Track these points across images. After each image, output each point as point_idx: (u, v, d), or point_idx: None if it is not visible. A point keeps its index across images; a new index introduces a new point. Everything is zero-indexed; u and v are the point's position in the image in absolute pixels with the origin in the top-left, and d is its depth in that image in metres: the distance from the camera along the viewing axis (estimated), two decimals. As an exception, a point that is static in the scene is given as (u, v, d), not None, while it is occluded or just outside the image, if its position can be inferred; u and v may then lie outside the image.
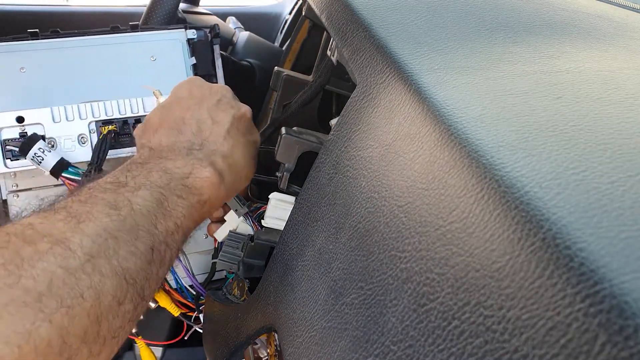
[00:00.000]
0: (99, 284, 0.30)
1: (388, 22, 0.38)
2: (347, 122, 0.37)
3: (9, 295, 0.27)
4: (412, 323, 0.25)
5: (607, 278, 0.17)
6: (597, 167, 0.23)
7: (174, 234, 0.37)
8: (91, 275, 0.30)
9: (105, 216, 0.33)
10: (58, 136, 0.54)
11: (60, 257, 0.29)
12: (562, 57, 0.36)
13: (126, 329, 0.33)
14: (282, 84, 0.54)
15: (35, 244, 0.29)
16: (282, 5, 1.38)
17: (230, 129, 0.45)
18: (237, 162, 0.44)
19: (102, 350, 0.31)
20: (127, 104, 0.56)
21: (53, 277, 0.29)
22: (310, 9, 0.49)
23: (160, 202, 0.36)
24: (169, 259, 0.37)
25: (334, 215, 0.35)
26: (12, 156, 0.53)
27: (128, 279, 0.32)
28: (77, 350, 0.29)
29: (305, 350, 0.33)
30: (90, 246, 0.31)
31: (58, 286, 0.29)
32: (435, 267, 0.24)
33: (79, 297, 0.29)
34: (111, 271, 0.31)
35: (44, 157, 0.51)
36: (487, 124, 0.27)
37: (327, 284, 0.33)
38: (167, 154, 0.41)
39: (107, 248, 0.32)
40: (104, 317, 0.31)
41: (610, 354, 0.16)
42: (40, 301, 0.28)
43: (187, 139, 0.43)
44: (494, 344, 0.20)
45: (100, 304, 0.30)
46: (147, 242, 0.34)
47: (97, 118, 0.55)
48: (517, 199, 0.21)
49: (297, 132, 0.45)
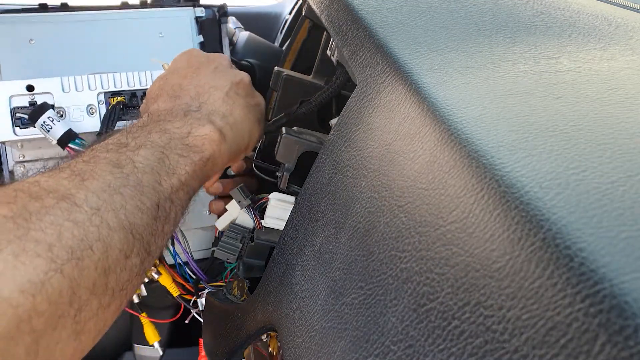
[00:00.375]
0: (107, 237, 0.31)
1: (388, 22, 0.38)
2: (347, 122, 0.37)
3: (20, 246, 0.27)
4: (412, 323, 0.25)
5: (607, 278, 0.17)
6: (597, 167, 0.23)
7: (178, 192, 0.37)
8: (99, 227, 0.30)
9: (108, 174, 0.33)
10: (67, 106, 0.55)
11: (67, 212, 0.30)
12: (562, 57, 0.36)
13: (134, 283, 0.33)
14: (282, 83, 0.54)
15: (42, 199, 0.30)
16: (282, 5, 1.38)
17: (229, 92, 0.45)
18: (238, 122, 0.44)
19: (111, 302, 0.31)
20: (136, 77, 0.57)
21: (61, 229, 0.29)
22: (310, 9, 0.49)
23: (162, 160, 0.37)
24: (174, 217, 0.37)
25: (334, 215, 0.35)
26: (21, 124, 0.54)
27: (135, 233, 0.33)
28: (87, 301, 0.29)
29: (305, 350, 0.33)
30: (95, 201, 0.31)
31: (67, 238, 0.29)
32: (435, 267, 0.24)
33: (88, 249, 0.30)
34: (118, 225, 0.32)
35: (52, 125, 0.52)
36: (487, 124, 0.27)
37: (327, 284, 0.33)
38: (165, 117, 0.41)
39: (113, 203, 0.32)
40: (112, 270, 0.31)
41: (610, 354, 0.16)
42: (52, 252, 0.28)
43: (185, 102, 0.43)
44: (494, 344, 0.20)
45: (108, 257, 0.31)
46: (153, 198, 0.35)
47: (105, 89, 0.56)
48: (517, 199, 0.21)
49: (297, 132, 0.45)
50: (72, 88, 0.55)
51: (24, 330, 0.26)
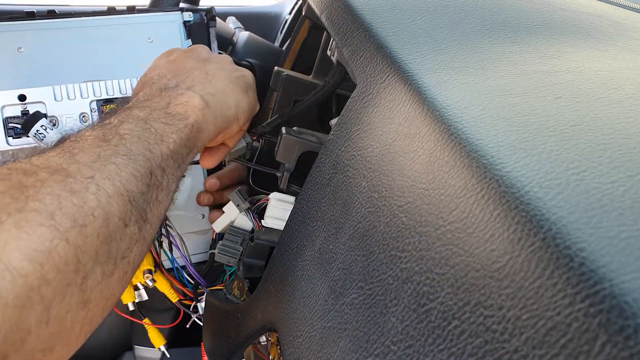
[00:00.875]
0: (106, 205, 0.31)
1: (388, 22, 0.38)
2: (347, 122, 0.37)
3: (21, 217, 0.27)
4: (412, 323, 0.25)
5: (607, 278, 0.17)
6: (597, 167, 0.23)
7: (168, 159, 0.37)
8: (97, 195, 0.31)
9: (97, 147, 0.34)
10: (60, 115, 0.55)
11: (62, 183, 0.30)
12: (562, 57, 0.36)
13: (134, 251, 0.33)
14: (282, 83, 0.54)
15: (35, 173, 0.30)
16: (282, 5, 1.38)
17: (209, 69, 0.45)
18: (220, 91, 0.44)
19: (114, 271, 0.31)
20: (128, 84, 0.57)
21: (60, 198, 0.29)
22: (310, 9, 0.49)
23: (147, 129, 0.37)
24: (167, 185, 0.37)
25: (334, 215, 0.35)
26: (14, 134, 0.54)
27: (132, 200, 0.33)
28: (92, 269, 0.30)
29: (305, 350, 0.33)
30: (88, 171, 0.31)
31: (67, 206, 0.29)
32: (435, 267, 0.24)
33: (90, 215, 0.30)
34: (115, 192, 0.32)
35: (45, 134, 0.52)
36: (487, 124, 0.27)
37: (327, 284, 0.33)
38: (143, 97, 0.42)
39: (107, 171, 0.32)
40: (113, 237, 0.31)
41: (610, 354, 0.16)
42: (54, 220, 0.28)
43: (163, 83, 0.44)
44: (494, 344, 0.20)
45: (109, 224, 0.31)
46: (145, 165, 0.35)
47: (98, 97, 0.56)
48: (517, 199, 0.21)
49: (297, 132, 0.45)
50: (64, 97, 0.55)
51: (34, 299, 0.26)
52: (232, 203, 0.49)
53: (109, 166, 0.32)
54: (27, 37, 0.57)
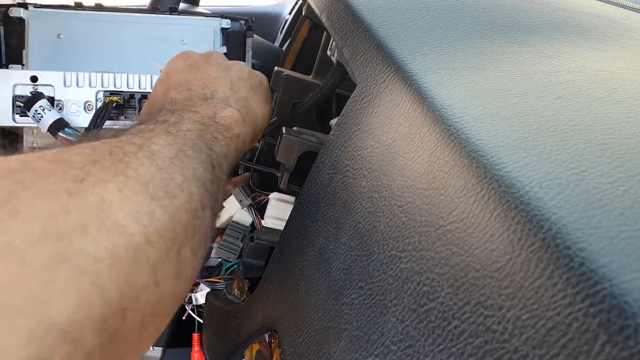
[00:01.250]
0: (188, 185, 0.31)
1: (388, 22, 0.38)
2: (347, 122, 0.37)
3: (122, 181, 0.27)
4: (412, 323, 0.25)
5: (607, 278, 0.17)
6: (597, 167, 0.23)
7: (223, 162, 0.37)
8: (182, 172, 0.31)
9: (165, 136, 0.34)
10: (66, 100, 0.57)
11: (149, 159, 0.30)
12: (562, 57, 0.36)
13: (208, 237, 0.33)
14: (282, 83, 0.54)
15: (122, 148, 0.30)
16: (282, 5, 1.38)
17: (232, 78, 0.46)
18: (250, 103, 0.45)
19: (198, 249, 0.31)
20: (136, 79, 0.59)
21: (150, 171, 0.29)
22: (310, 9, 0.49)
23: (204, 130, 0.38)
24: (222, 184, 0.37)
25: (334, 215, 0.35)
26: (20, 112, 0.56)
27: (205, 185, 0.33)
28: (184, 241, 0.29)
29: (305, 350, 0.33)
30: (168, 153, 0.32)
31: (158, 179, 0.29)
32: (435, 267, 0.24)
33: (177, 189, 0.30)
34: (192, 175, 0.32)
35: (43, 115, 0.54)
36: (487, 124, 0.27)
37: (327, 284, 0.33)
38: (187, 103, 0.42)
39: (181, 157, 0.32)
40: (197, 215, 0.31)
41: (610, 354, 0.16)
42: (148, 188, 0.28)
43: (200, 92, 0.44)
44: (494, 344, 0.20)
45: (192, 202, 0.31)
46: (208, 159, 0.35)
47: (105, 88, 0.58)
48: (517, 199, 0.21)
49: (297, 132, 0.45)
50: (73, 83, 0.57)
51: (141, 259, 0.26)
52: (233, 198, 0.49)
53: (180, 153, 0.33)
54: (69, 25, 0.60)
